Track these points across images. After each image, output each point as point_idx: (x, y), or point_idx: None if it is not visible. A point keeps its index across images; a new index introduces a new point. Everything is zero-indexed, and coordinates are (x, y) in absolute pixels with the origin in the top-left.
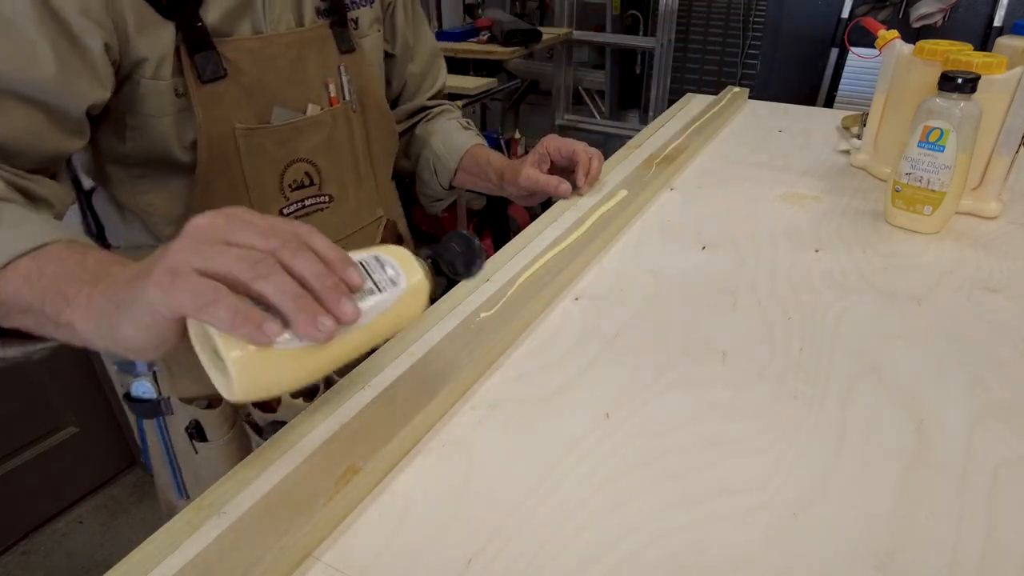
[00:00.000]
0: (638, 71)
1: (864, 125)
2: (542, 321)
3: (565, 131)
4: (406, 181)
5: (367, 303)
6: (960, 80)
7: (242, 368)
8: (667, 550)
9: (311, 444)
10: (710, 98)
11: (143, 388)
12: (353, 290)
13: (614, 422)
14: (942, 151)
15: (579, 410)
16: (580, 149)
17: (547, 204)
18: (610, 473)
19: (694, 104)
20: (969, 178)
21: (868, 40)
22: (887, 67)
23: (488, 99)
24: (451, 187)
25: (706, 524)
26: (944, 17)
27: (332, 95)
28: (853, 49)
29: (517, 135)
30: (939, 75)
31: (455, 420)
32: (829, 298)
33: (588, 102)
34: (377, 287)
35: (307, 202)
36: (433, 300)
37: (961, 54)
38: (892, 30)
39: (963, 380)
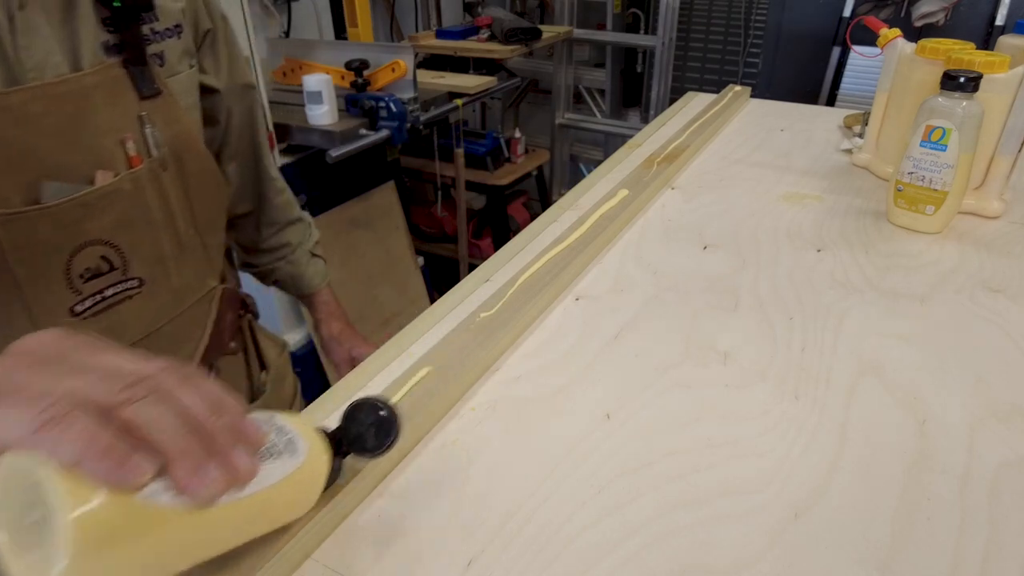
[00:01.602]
0: (639, 70)
1: (866, 124)
2: (542, 321)
3: (566, 130)
4: (405, 182)
5: (261, 466)
6: (962, 79)
7: (86, 528)
8: (668, 551)
9: None
10: (711, 97)
11: None
12: (250, 444)
13: (615, 423)
14: (944, 150)
15: (579, 410)
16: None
17: (546, 204)
18: (611, 474)
19: (695, 103)
20: (971, 177)
21: (870, 39)
22: (889, 66)
23: (488, 98)
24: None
25: (707, 525)
26: (946, 16)
27: (132, 154)
28: (855, 48)
29: (517, 134)
30: (941, 74)
31: (455, 421)
32: (831, 298)
33: (589, 101)
34: (270, 451)
35: (107, 292)
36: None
37: (963, 53)
38: (894, 29)
39: (965, 380)
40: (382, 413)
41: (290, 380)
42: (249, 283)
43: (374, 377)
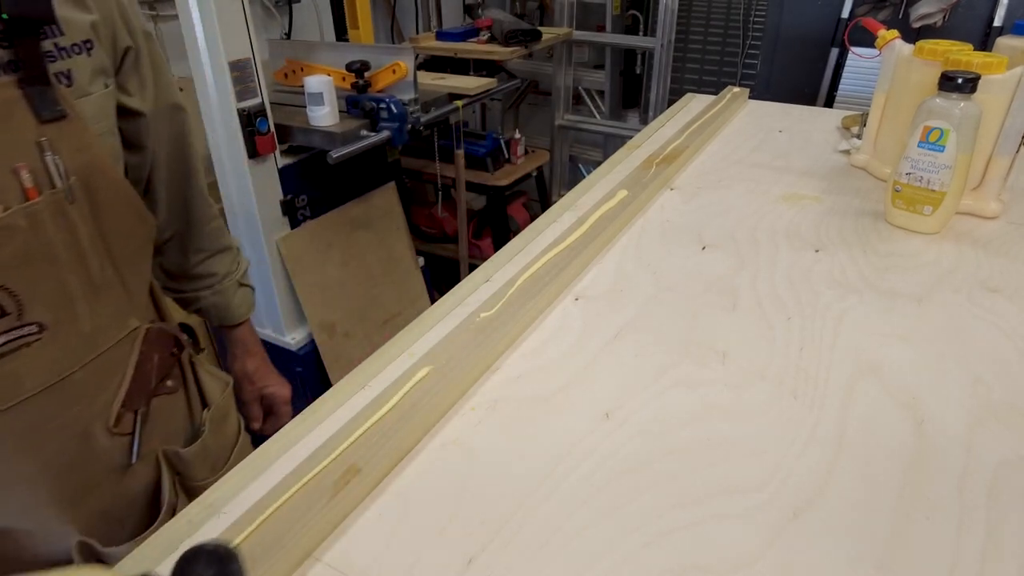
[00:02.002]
0: (638, 71)
1: (864, 125)
2: (542, 321)
3: (565, 131)
4: (405, 183)
5: None
6: (960, 80)
7: None
8: (667, 550)
9: (311, 444)
10: (710, 98)
11: None
12: None
13: (614, 422)
14: (942, 151)
15: (579, 410)
16: (280, 403)
17: (546, 205)
18: (610, 473)
19: (694, 104)
20: (969, 178)
21: (868, 40)
22: (887, 67)
23: (488, 99)
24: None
25: (706, 524)
26: (944, 17)
27: (28, 185)
28: (853, 49)
29: (517, 135)
30: (939, 75)
31: (455, 420)
32: (829, 298)
33: (588, 102)
34: None
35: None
36: None
37: (961, 54)
38: (892, 30)
39: (963, 380)
40: (222, 559)
41: (233, 419)
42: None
43: (375, 376)
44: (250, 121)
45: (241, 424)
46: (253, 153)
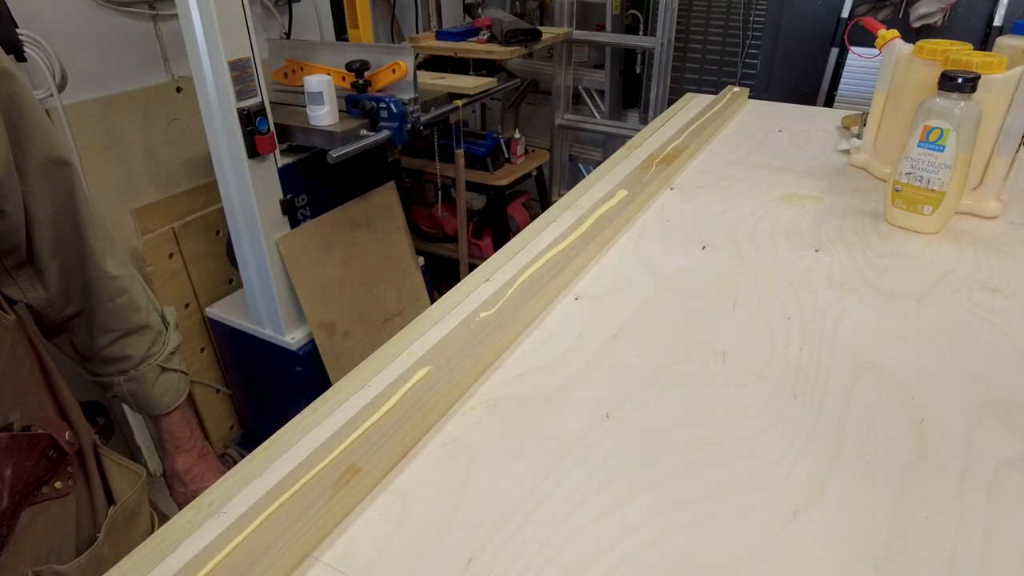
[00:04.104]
0: (638, 71)
1: (864, 125)
2: (542, 321)
3: (565, 130)
4: (405, 183)
5: None
6: (960, 80)
7: None
8: (667, 550)
9: (311, 444)
10: (710, 98)
11: None
12: None
13: (614, 422)
14: (942, 151)
15: (579, 410)
16: None
17: (546, 204)
18: (610, 473)
19: (694, 104)
20: (969, 178)
21: (868, 40)
22: (887, 67)
23: (488, 99)
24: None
25: (706, 524)
26: (944, 17)
27: None
28: (853, 49)
29: (517, 135)
30: (939, 75)
31: (455, 420)
32: (829, 298)
33: (588, 102)
34: None
35: None
36: None
37: (961, 54)
38: (892, 30)
39: (963, 380)
40: None
41: (145, 518)
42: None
43: (375, 376)
44: (250, 121)
45: (155, 523)
46: (253, 153)
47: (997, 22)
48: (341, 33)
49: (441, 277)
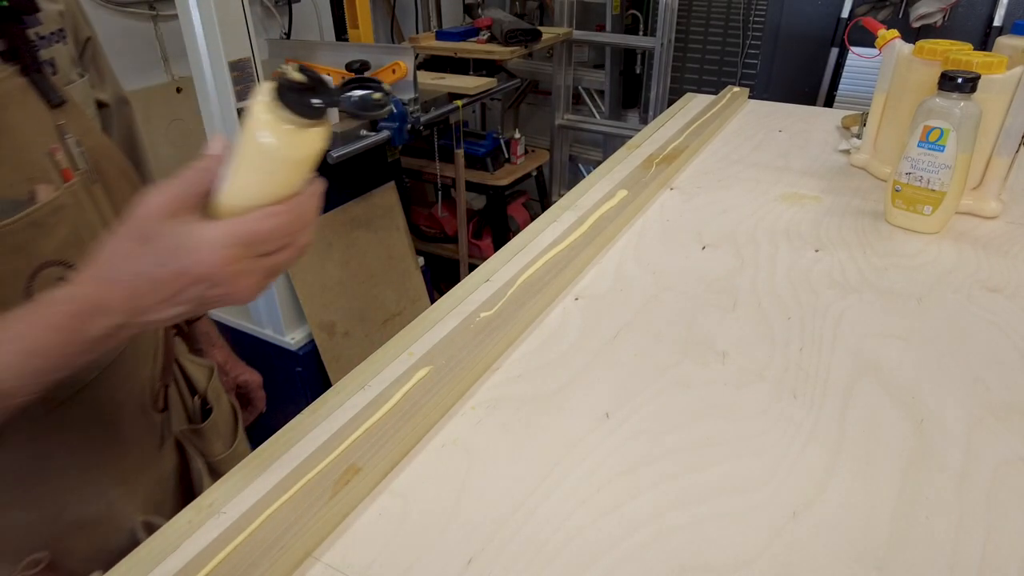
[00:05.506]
0: (638, 71)
1: (864, 125)
2: (542, 321)
3: (565, 130)
4: (405, 183)
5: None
6: (960, 80)
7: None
8: (667, 549)
9: (311, 444)
10: (710, 98)
11: None
12: None
13: (614, 422)
14: (942, 151)
15: (579, 410)
16: (255, 389)
17: (546, 204)
18: (610, 473)
19: (694, 104)
20: (969, 178)
21: (868, 40)
22: (887, 67)
23: (488, 99)
24: None
25: (706, 524)
26: (944, 17)
27: (64, 167)
28: (853, 49)
29: (517, 135)
30: (939, 75)
31: (455, 420)
32: (829, 298)
33: (588, 102)
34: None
35: None
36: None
37: (961, 54)
38: (892, 30)
39: (963, 380)
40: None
41: (224, 399)
42: None
43: (375, 376)
44: None
45: (237, 409)
46: None
47: (997, 22)
48: (341, 33)
49: (441, 277)
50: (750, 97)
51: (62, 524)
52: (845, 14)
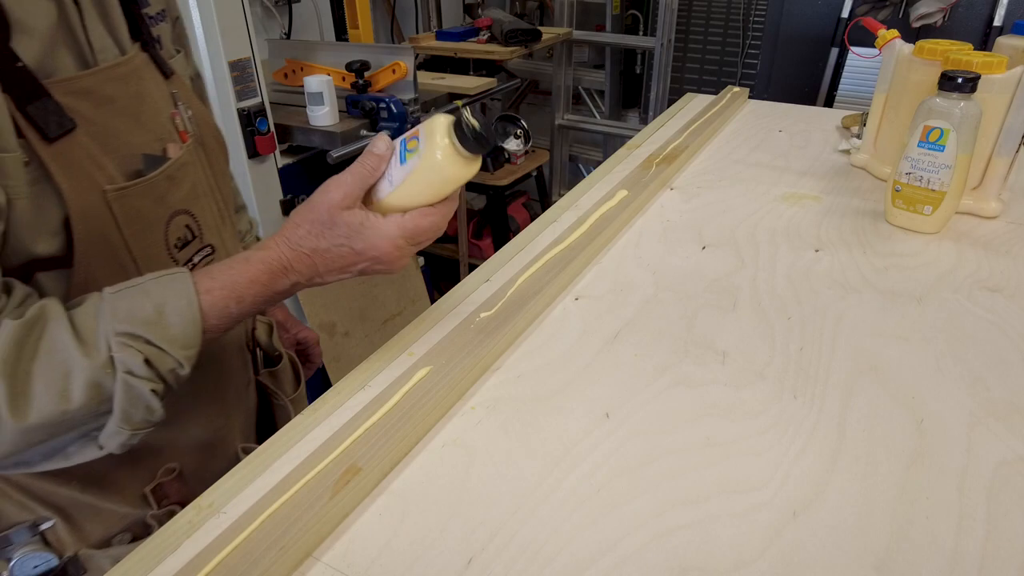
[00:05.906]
0: (638, 71)
1: (864, 125)
2: (542, 321)
3: (565, 130)
4: None
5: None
6: (960, 80)
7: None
8: (667, 549)
9: (311, 444)
10: (710, 98)
11: (35, 561)
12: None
13: (614, 422)
14: (942, 151)
15: (579, 410)
16: (313, 345)
17: (546, 204)
18: (610, 473)
19: (694, 104)
20: (969, 178)
21: (868, 40)
22: (887, 67)
23: (488, 99)
24: None
25: (706, 523)
26: (944, 17)
27: (181, 129)
28: (853, 49)
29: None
30: (939, 75)
31: (455, 420)
32: (829, 298)
33: (588, 102)
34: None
35: (195, 259)
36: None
37: (961, 54)
38: (892, 30)
39: (963, 380)
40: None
41: (285, 355)
42: None
43: (375, 376)
44: (250, 121)
45: (300, 366)
46: (253, 153)
47: (997, 22)
48: (341, 33)
49: (441, 277)
50: (750, 97)
51: (183, 444)
52: (845, 14)
